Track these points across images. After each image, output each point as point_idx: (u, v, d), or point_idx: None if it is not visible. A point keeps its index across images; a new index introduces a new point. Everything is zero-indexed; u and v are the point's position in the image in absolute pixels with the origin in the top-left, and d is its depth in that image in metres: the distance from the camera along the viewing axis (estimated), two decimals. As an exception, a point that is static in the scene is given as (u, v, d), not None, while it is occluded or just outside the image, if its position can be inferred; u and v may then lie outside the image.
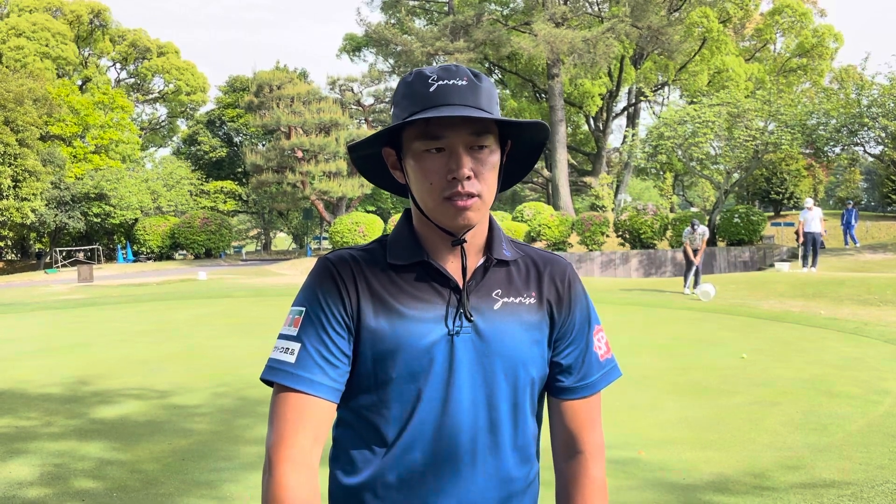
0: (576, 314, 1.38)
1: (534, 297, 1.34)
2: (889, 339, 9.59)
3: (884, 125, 22.87)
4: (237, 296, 17.02)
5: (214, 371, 8.02)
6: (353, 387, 1.28)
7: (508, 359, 1.29)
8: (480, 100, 1.23)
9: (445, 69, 1.25)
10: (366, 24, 35.80)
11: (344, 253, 1.33)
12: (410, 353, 1.24)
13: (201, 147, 42.45)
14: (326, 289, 1.27)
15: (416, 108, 1.22)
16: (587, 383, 1.38)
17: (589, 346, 1.39)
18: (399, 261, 1.30)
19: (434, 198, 1.24)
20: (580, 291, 1.40)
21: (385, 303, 1.26)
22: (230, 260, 33.74)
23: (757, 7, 43.96)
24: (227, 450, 5.19)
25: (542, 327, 1.34)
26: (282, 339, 1.27)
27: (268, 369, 1.25)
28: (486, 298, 1.30)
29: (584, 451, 1.37)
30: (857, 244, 25.35)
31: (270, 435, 1.21)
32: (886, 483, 4.31)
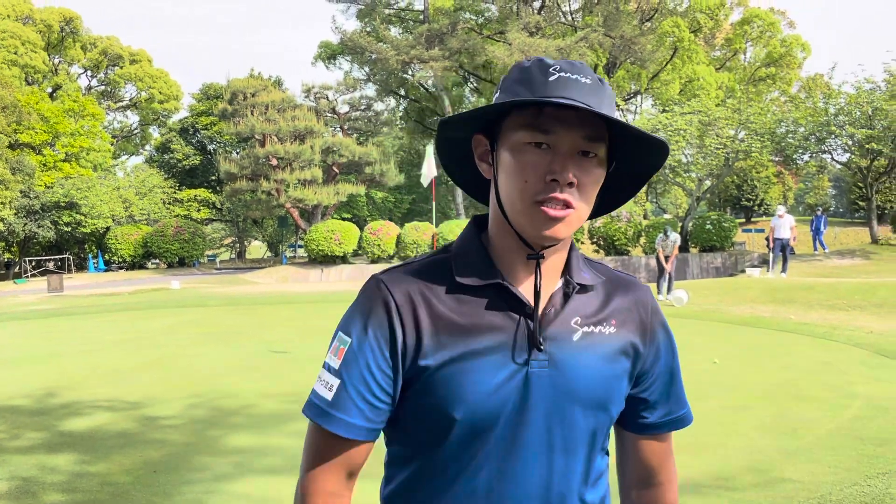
0: (660, 345, 1.25)
1: (614, 325, 1.19)
2: (858, 343, 9.75)
3: (850, 133, 23.32)
4: (211, 305, 16.86)
5: (187, 381, 7.93)
6: (407, 425, 1.16)
7: (589, 397, 1.15)
8: (602, 103, 1.08)
9: (570, 63, 1.10)
10: (341, 32, 35.79)
11: (401, 273, 1.16)
12: (478, 392, 1.10)
13: (174, 155, 42.05)
14: (376, 320, 1.12)
15: (530, 96, 1.07)
16: (674, 419, 1.27)
17: (675, 378, 1.27)
18: (469, 281, 1.13)
19: (524, 199, 1.08)
20: (664, 319, 1.27)
21: (450, 334, 1.11)
22: (204, 269, 33.42)
23: (727, 17, 44.65)
24: (199, 461, 5.14)
25: (625, 360, 1.19)
26: (324, 371, 1.15)
27: (308, 403, 1.16)
28: (565, 328, 1.14)
29: (662, 483, 1.29)
30: (826, 250, 25.77)
31: (303, 469, 1.16)
32: (855, 485, 4.39)
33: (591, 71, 1.11)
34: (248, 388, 7.48)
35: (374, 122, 37.34)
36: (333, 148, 32.12)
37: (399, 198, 43.83)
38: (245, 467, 4.99)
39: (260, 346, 10.32)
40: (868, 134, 22.82)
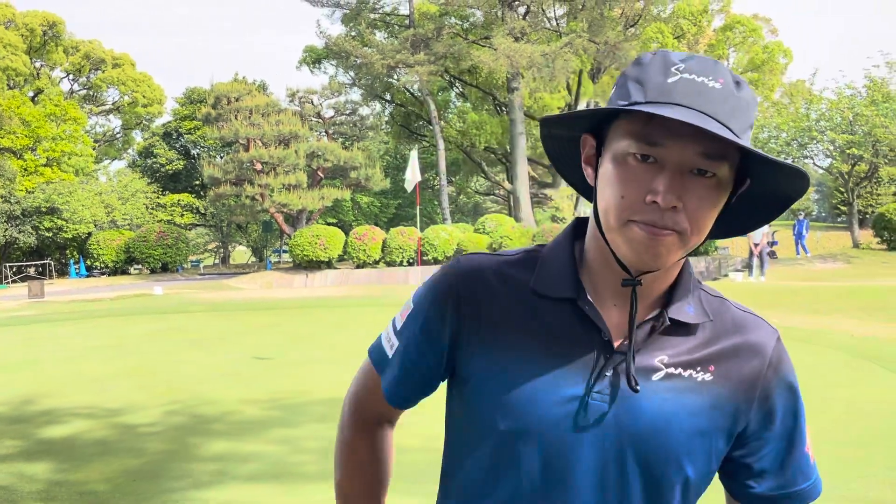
0: (775, 403, 1.04)
1: (712, 373, 1.00)
2: (838, 346, 9.83)
3: (832, 138, 23.58)
4: (194, 310, 16.74)
5: (168, 388, 7.86)
6: (453, 424, 1.11)
7: (658, 448, 0.98)
8: (732, 115, 0.91)
9: (700, 61, 0.92)
10: (326, 37, 35.72)
11: (480, 261, 1.08)
12: (522, 407, 0.99)
13: (157, 159, 41.77)
14: (437, 303, 1.07)
15: (642, 99, 0.92)
16: (792, 493, 1.07)
17: (795, 445, 1.06)
18: (544, 290, 1.02)
19: (618, 217, 0.93)
20: (788, 374, 1.06)
21: (508, 343, 1.02)
22: (187, 274, 33.20)
23: (710, 23, 45.04)
24: (179, 469, 5.09)
25: (717, 416, 1.00)
26: (391, 327, 1.15)
27: (375, 346, 1.17)
28: (645, 364, 0.99)
29: None
30: (809, 254, 26.00)
31: (350, 395, 1.22)
32: (834, 489, 4.41)
33: (726, 70, 0.93)
34: (230, 395, 7.42)
35: (360, 127, 37.28)
36: (318, 152, 32.03)
37: (384, 202, 43.79)
38: (225, 474, 4.95)
39: (243, 353, 10.25)
40: (849, 139, 23.08)
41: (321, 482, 4.78)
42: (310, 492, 4.62)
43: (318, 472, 5.00)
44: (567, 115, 1.00)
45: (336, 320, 14.19)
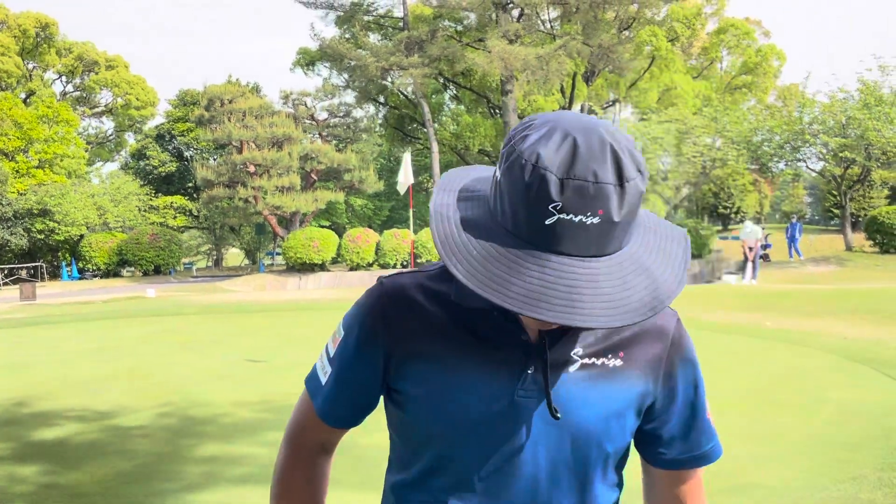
0: (677, 379, 1.15)
1: (622, 358, 1.10)
2: (831, 349, 9.86)
3: (824, 142, 23.69)
4: (186, 313, 16.69)
5: (160, 391, 7.83)
6: (397, 429, 1.18)
7: (578, 433, 1.08)
8: (608, 240, 0.92)
9: (579, 188, 0.89)
10: (320, 39, 35.69)
11: (402, 282, 1.13)
12: (458, 412, 1.07)
13: (150, 161, 41.66)
14: (367, 324, 1.13)
15: (515, 229, 0.93)
16: (696, 455, 1.19)
17: (697, 412, 1.18)
18: (465, 301, 1.07)
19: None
20: (686, 351, 1.16)
21: (438, 355, 1.08)
22: (180, 276, 33.11)
23: (703, 26, 45.19)
24: (170, 471, 5.07)
25: (628, 397, 1.11)
26: (324, 354, 1.21)
27: (310, 375, 1.24)
28: (563, 356, 1.08)
29: None
30: (802, 257, 26.10)
31: (288, 429, 1.26)
32: (825, 490, 4.42)
33: (609, 171, 0.90)
34: (222, 397, 7.39)
35: (353, 129, 37.25)
36: (312, 155, 32.01)
37: (378, 205, 43.77)
38: (217, 476, 4.93)
39: (235, 355, 10.22)
40: (841, 142, 23.19)
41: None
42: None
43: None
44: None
45: (329, 322, 14.13)
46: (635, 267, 0.93)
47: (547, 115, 0.97)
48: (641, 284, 0.92)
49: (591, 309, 0.89)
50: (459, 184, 1.05)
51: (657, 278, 0.94)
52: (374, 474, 5.15)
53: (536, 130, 0.94)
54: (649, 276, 0.94)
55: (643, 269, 0.94)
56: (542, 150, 0.91)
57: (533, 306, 0.88)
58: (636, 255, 0.95)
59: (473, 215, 0.97)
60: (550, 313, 0.88)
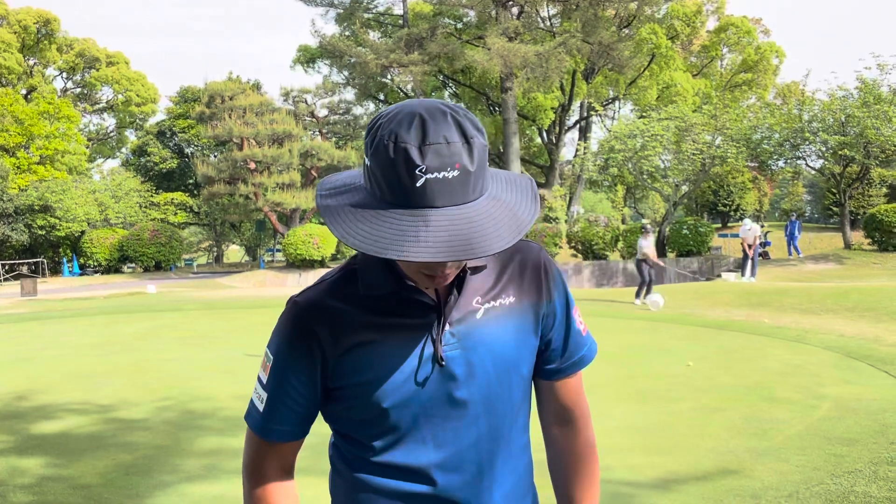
0: (555, 300, 1.36)
1: (513, 294, 1.31)
2: (829, 346, 9.89)
3: (824, 139, 23.66)
4: (187, 309, 16.73)
5: (161, 385, 7.87)
6: (343, 415, 1.30)
7: (500, 365, 1.28)
8: (470, 188, 1.10)
9: (436, 150, 1.07)
10: (320, 36, 35.70)
11: (313, 295, 1.26)
12: (399, 383, 1.23)
13: (151, 158, 41.67)
14: (295, 342, 1.25)
15: (394, 199, 1.09)
16: (574, 361, 1.40)
17: (571, 325, 1.39)
18: (372, 291, 1.25)
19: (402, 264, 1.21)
20: (556, 275, 1.37)
21: (363, 341, 1.23)
22: (181, 273, 33.15)
23: (703, 24, 45.16)
24: (171, 463, 5.11)
25: (527, 324, 1.32)
26: (258, 384, 1.31)
27: (248, 412, 1.33)
28: (468, 309, 1.27)
29: (576, 418, 1.43)
30: (801, 255, 26.11)
31: (244, 467, 1.33)
32: (821, 484, 4.46)
33: (457, 148, 1.08)
34: (222, 391, 7.43)
35: (354, 126, 37.26)
36: (312, 152, 32.03)
37: (378, 202, 43.78)
38: (217, 469, 4.97)
39: (235, 350, 10.26)
40: (841, 140, 23.18)
41: (311, 476, 4.80)
42: (301, 484, 4.61)
43: (308, 466, 4.99)
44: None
45: (329, 319, 14.21)
46: (498, 204, 1.12)
47: (393, 106, 1.14)
48: (506, 216, 1.11)
49: (475, 242, 1.06)
50: (329, 186, 1.20)
51: (516, 211, 1.13)
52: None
53: (386, 118, 1.11)
54: (510, 209, 1.13)
55: (504, 205, 1.13)
56: (398, 130, 1.08)
57: (432, 254, 1.05)
58: (496, 196, 1.14)
59: (355, 201, 1.13)
60: (445, 255, 1.04)
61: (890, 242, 24.17)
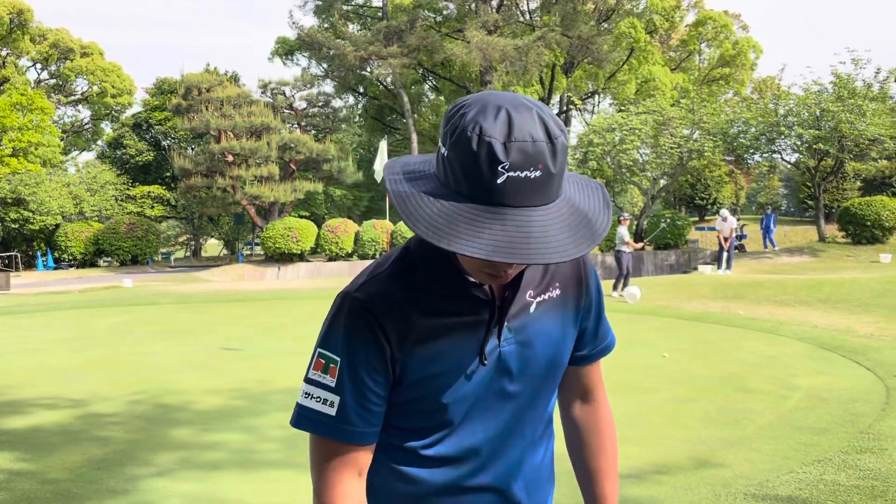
0: (591, 290, 1.41)
1: (558, 287, 1.34)
2: (802, 337, 10.01)
3: (799, 134, 23.91)
4: (163, 303, 16.57)
5: (134, 379, 7.79)
6: (402, 410, 1.29)
7: (551, 358, 1.33)
8: (549, 190, 1.07)
9: (520, 148, 1.04)
10: (298, 28, 35.44)
11: (372, 288, 1.23)
12: (460, 378, 1.25)
13: (127, 151, 41.13)
14: (364, 337, 1.20)
15: (471, 193, 1.06)
16: (602, 347, 1.47)
17: (601, 314, 1.45)
18: (432, 284, 1.23)
19: (464, 260, 1.21)
20: (591, 266, 1.42)
21: (424, 336, 1.22)
22: (158, 267, 32.83)
23: (682, 19, 45.40)
24: (143, 457, 5.06)
25: (570, 315, 1.37)
26: (316, 388, 1.23)
27: (304, 419, 1.25)
28: (522, 303, 1.28)
29: (597, 400, 1.50)
30: (776, 248, 26.40)
31: (317, 481, 1.25)
32: (791, 472, 4.51)
33: (542, 148, 1.05)
34: (196, 385, 7.37)
35: (333, 119, 37.06)
36: (290, 144, 31.81)
37: (358, 195, 43.58)
38: (189, 463, 4.93)
39: (211, 344, 10.18)
40: (815, 135, 23.43)
41: (286, 470, 4.79)
42: (274, 479, 4.62)
43: (283, 459, 4.99)
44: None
45: (306, 312, 14.14)
46: (573, 210, 1.11)
47: (475, 95, 1.11)
48: (581, 224, 1.10)
49: (551, 247, 1.05)
50: (401, 170, 1.16)
51: (591, 217, 1.12)
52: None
53: (471, 108, 1.08)
54: (585, 216, 1.12)
55: (579, 211, 1.12)
56: (483, 122, 1.05)
57: (503, 253, 1.02)
58: (572, 200, 1.12)
59: (428, 189, 1.10)
60: (519, 257, 1.02)
61: (863, 235, 24.51)
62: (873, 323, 10.85)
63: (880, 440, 5.11)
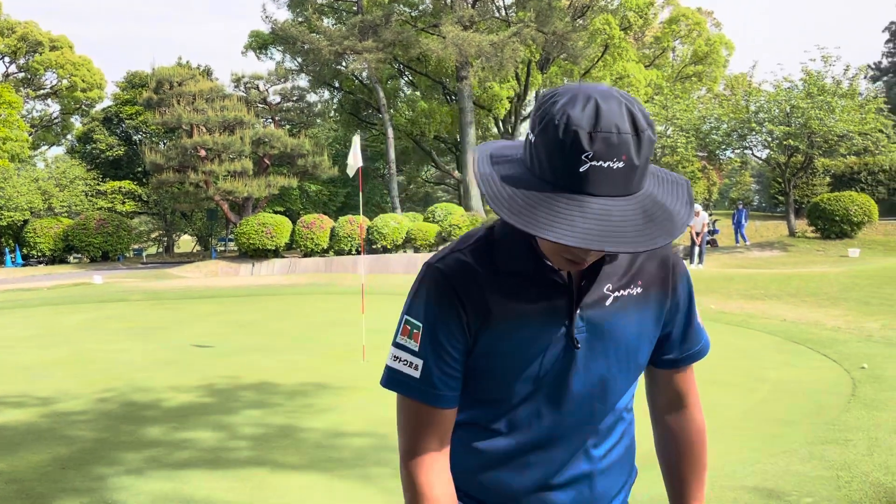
0: (680, 294, 1.40)
1: (641, 285, 1.34)
2: (771, 330, 10.15)
3: (770, 130, 24.20)
4: (134, 299, 16.36)
5: (102, 376, 7.68)
6: (470, 384, 1.34)
7: (621, 353, 1.33)
8: (632, 181, 1.10)
9: (605, 139, 1.07)
10: (272, 22, 35.11)
11: (454, 261, 1.29)
12: (528, 359, 1.28)
13: (97, 145, 40.49)
14: (444, 305, 1.27)
15: (555, 180, 1.10)
16: (692, 353, 1.45)
17: (692, 318, 1.43)
18: (512, 265, 1.28)
19: (544, 245, 1.24)
20: (683, 269, 1.41)
21: (501, 314, 1.27)
22: (129, 263, 32.41)
23: (656, 16, 45.71)
24: (111, 456, 4.99)
25: (650, 315, 1.36)
26: (402, 351, 1.31)
27: (393, 381, 1.32)
28: (599, 295, 1.30)
29: (688, 406, 1.49)
30: (748, 242, 26.72)
31: (403, 442, 1.33)
32: (758, 463, 4.57)
33: (627, 140, 1.08)
34: (165, 383, 7.29)
35: (307, 114, 36.78)
36: (264, 139, 31.52)
37: (333, 191, 43.36)
38: (158, 461, 4.87)
39: (182, 341, 10.07)
40: (786, 131, 23.73)
41: (256, 467, 4.75)
42: (244, 476, 4.58)
43: (253, 457, 4.96)
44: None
45: (280, 308, 14.05)
46: (654, 203, 1.13)
47: (568, 85, 1.16)
48: (662, 216, 1.12)
49: (629, 236, 1.07)
50: (490, 152, 1.21)
51: (671, 211, 1.14)
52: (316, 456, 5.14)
53: (562, 97, 1.12)
54: (665, 210, 1.13)
55: (660, 204, 1.14)
56: (571, 111, 1.09)
57: (582, 240, 1.06)
58: (653, 194, 1.15)
59: (513, 173, 1.15)
60: (593, 244, 1.06)
61: (832, 230, 24.89)
62: (841, 316, 11.03)
63: (845, 431, 5.19)
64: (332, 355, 8.73)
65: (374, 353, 8.38)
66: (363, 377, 7.39)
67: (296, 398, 6.65)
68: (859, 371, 7.21)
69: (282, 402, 6.49)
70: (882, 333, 9.48)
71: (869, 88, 28.83)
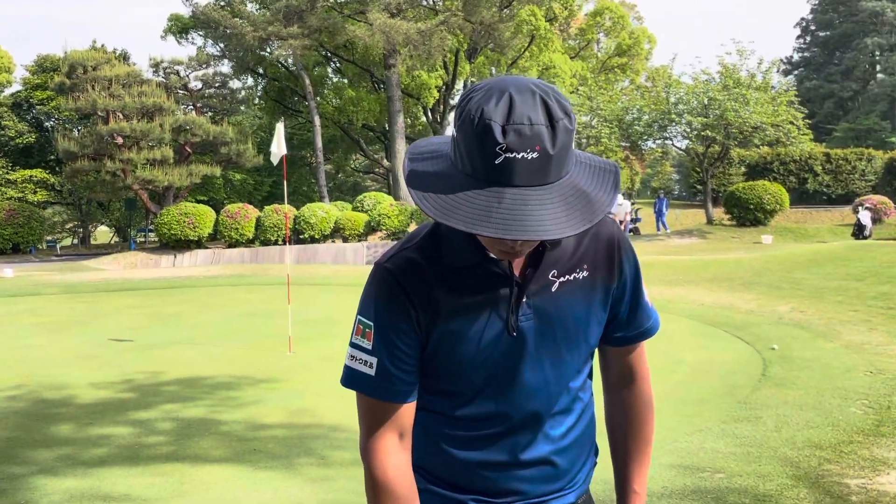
0: (627, 274, 1.43)
1: (587, 269, 1.37)
2: (690, 314, 10.52)
3: (689, 121, 25.01)
4: (47, 293, 15.68)
5: (12, 373, 7.34)
6: (425, 373, 1.38)
7: (570, 337, 1.38)
8: (549, 171, 1.13)
9: (518, 130, 1.11)
10: (193, 5, 34.07)
11: (402, 260, 1.33)
12: (478, 348, 1.33)
13: (6, 132, 38.50)
14: (393, 304, 1.31)
15: (474, 173, 1.14)
16: (641, 332, 1.49)
17: (639, 296, 1.47)
18: (455, 261, 1.31)
19: (482, 237, 1.26)
20: (629, 250, 1.43)
21: (449, 308, 1.31)
22: (42, 255, 31.03)
23: (580, 7, 46.46)
24: (22, 455, 4.79)
25: (597, 298, 1.39)
26: (357, 350, 1.35)
27: (350, 379, 1.36)
28: (544, 282, 1.33)
29: (637, 379, 1.53)
30: (668, 230, 27.58)
31: (363, 437, 1.37)
32: (674, 442, 4.74)
33: (540, 131, 1.11)
34: (81, 379, 7.02)
35: (231, 101, 35.89)
36: (185, 126, 30.58)
37: (259, 180, 42.50)
38: (73, 459, 4.70)
39: (99, 335, 9.72)
40: (703, 122, 24.56)
41: (175, 463, 4.64)
42: (165, 471, 4.47)
43: (172, 452, 4.84)
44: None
45: (203, 300, 13.72)
46: (574, 190, 1.16)
47: (488, 80, 1.19)
48: (580, 203, 1.15)
49: (545, 225, 1.11)
50: (422, 149, 1.26)
51: (592, 198, 1.17)
52: (239, 449, 5.05)
53: (478, 93, 1.16)
54: (585, 197, 1.17)
55: (581, 191, 1.17)
56: (486, 106, 1.13)
57: (500, 231, 1.10)
58: (573, 182, 1.17)
59: (438, 169, 1.19)
60: (512, 233, 1.09)
61: (747, 218, 25.95)
62: (754, 300, 11.52)
63: (756, 409, 5.44)
64: (257, 347, 8.59)
65: (300, 344, 8.28)
66: (289, 369, 7.30)
67: (219, 391, 6.52)
68: (770, 352, 7.56)
69: (204, 396, 6.35)
70: (791, 316, 9.95)
71: (781, 82, 30.14)
